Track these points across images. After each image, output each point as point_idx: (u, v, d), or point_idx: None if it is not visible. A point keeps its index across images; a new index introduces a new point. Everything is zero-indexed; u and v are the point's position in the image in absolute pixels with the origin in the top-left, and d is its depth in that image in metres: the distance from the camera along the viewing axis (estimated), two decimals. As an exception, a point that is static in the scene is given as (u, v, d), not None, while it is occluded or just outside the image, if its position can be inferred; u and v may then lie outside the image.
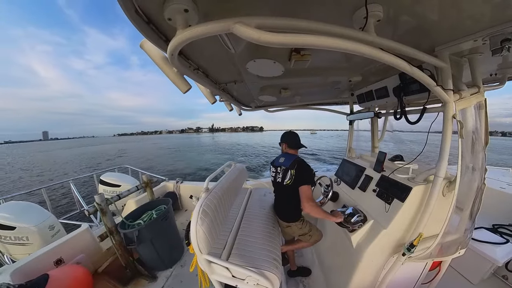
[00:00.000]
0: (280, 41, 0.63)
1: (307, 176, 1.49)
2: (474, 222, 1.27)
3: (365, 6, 0.68)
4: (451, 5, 0.73)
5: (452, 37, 0.95)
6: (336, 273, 1.67)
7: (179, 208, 3.36)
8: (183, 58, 1.14)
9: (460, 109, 1.06)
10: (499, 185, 2.67)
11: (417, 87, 1.26)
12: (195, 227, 1.08)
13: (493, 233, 2.02)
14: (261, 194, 2.34)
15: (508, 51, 0.82)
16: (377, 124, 2.21)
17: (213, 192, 1.35)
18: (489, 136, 1.21)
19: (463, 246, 1.29)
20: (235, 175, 1.95)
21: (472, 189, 1.17)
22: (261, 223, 1.72)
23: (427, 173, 1.21)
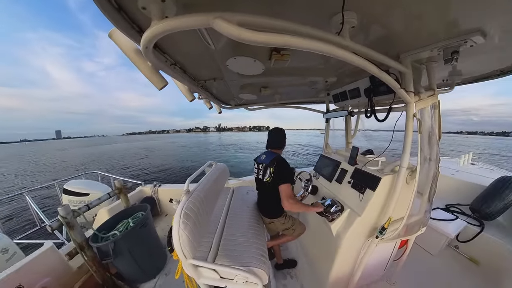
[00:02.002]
0: (261, 40, 0.63)
1: (285, 175, 1.52)
2: (432, 204, 1.48)
3: (342, 13, 0.73)
4: (414, 19, 0.83)
5: (413, 47, 1.08)
6: (320, 261, 1.79)
7: (159, 213, 3.14)
8: (159, 52, 1.06)
9: (419, 109, 1.21)
10: (450, 172, 3.25)
11: (384, 89, 1.39)
12: (177, 231, 1.04)
13: (446, 212, 2.42)
14: (244, 192, 2.34)
15: (456, 61, 0.98)
16: (350, 122, 2.38)
17: (194, 194, 1.31)
18: (441, 132, 1.41)
19: (424, 225, 1.50)
20: (216, 175, 1.91)
21: (429, 176, 1.37)
22: (246, 221, 1.73)
23: (393, 164, 1.38)
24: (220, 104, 2.53)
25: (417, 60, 1.19)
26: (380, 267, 1.76)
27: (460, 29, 0.88)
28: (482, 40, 0.90)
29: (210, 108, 2.37)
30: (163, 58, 1.12)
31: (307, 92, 2.42)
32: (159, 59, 1.01)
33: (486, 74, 1.54)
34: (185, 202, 1.18)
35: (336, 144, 2.51)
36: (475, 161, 4.28)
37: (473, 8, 0.74)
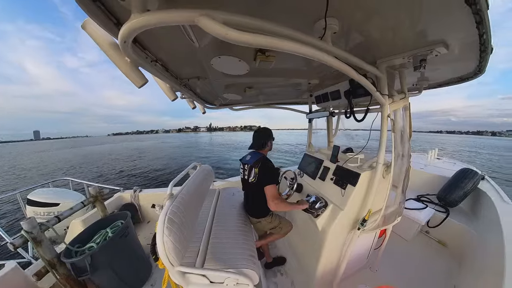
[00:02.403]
0: (248, 41, 0.63)
1: (270, 176, 1.52)
2: (405, 195, 1.64)
3: (325, 19, 0.76)
4: (389, 29, 0.92)
5: (388, 54, 1.18)
6: (308, 255, 1.84)
7: (140, 220, 2.93)
8: (139, 48, 1.00)
9: (393, 110, 1.33)
10: (419, 166, 3.63)
11: (362, 91, 1.48)
12: (162, 238, 0.98)
13: (417, 202, 2.71)
14: (230, 193, 2.32)
15: (424, 68, 1.09)
16: (331, 122, 2.49)
17: (178, 198, 1.25)
18: (412, 131, 1.55)
19: (399, 215, 1.65)
20: (201, 177, 1.86)
21: (402, 171, 1.51)
22: (233, 222, 1.71)
23: (371, 161, 1.48)
24: (204, 104, 2.46)
25: (391, 66, 1.29)
26: (363, 256, 1.88)
27: (428, 40, 0.99)
28: (445, 50, 1.02)
29: (193, 108, 2.30)
30: (143, 54, 1.05)
31: (291, 93, 2.48)
32: (139, 55, 0.95)
33: (447, 80, 1.74)
34: (169, 206, 1.13)
35: (320, 143, 2.61)
36: (440, 156, 4.83)
37: (438, 23, 0.85)
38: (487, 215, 2.15)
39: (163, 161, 19.55)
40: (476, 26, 0.81)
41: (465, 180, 2.68)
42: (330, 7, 0.70)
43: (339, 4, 0.72)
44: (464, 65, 1.36)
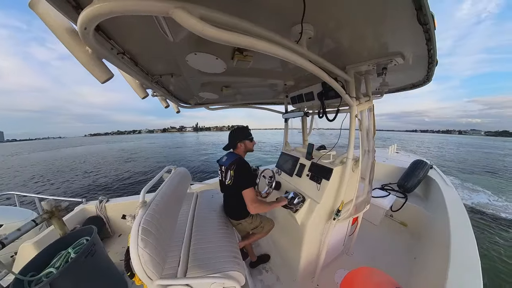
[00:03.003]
0: (225, 39, 0.62)
1: (246, 178, 1.48)
2: (372, 185, 1.85)
3: (301, 24, 0.80)
4: (357, 39, 1.02)
5: (356, 61, 1.31)
6: (291, 249, 1.91)
7: (110, 234, 2.59)
8: (103, 37, 0.89)
9: (360, 111, 1.47)
10: (382, 160, 4.20)
11: (333, 93, 1.61)
12: (136, 252, 0.89)
13: (382, 190, 3.09)
14: (209, 196, 2.25)
15: (385, 75, 1.27)
16: (306, 121, 2.62)
17: (153, 205, 1.16)
18: (375, 129, 1.75)
19: (368, 203, 1.85)
20: (177, 181, 1.76)
21: (368, 164, 1.70)
22: (214, 226, 1.66)
23: (342, 156, 1.61)
24: (178, 103, 2.33)
25: (358, 72, 1.44)
26: (339, 243, 2.05)
27: (389, 51, 1.14)
28: (402, 61, 1.18)
29: (166, 107, 2.16)
30: (108, 44, 0.94)
31: (267, 94, 2.53)
32: (103, 46, 0.85)
33: (403, 86, 2.03)
34: (142, 216, 1.03)
35: (297, 141, 2.74)
36: (398, 150, 5.70)
37: (397, 37, 0.99)
38: (436, 197, 2.58)
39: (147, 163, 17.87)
40: (425, 43, 0.97)
41: (418, 169, 3.21)
42: (307, 13, 0.73)
43: (315, 12, 0.77)
44: (416, 74, 1.59)
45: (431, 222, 2.29)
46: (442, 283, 1.11)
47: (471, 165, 15.67)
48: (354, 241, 2.16)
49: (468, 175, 11.55)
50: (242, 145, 1.63)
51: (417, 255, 2.08)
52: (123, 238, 2.58)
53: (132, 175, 12.55)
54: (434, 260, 1.57)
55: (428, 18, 0.77)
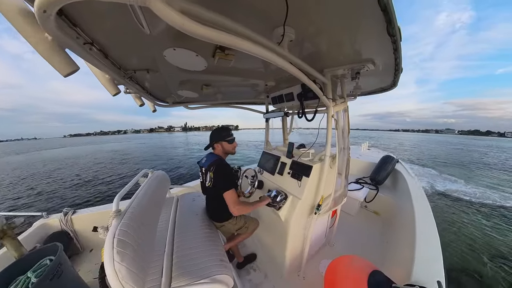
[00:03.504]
0: (207, 36, 0.60)
1: (226, 181, 1.44)
2: (348, 180, 2.00)
3: (283, 26, 0.82)
4: (334, 45, 1.10)
5: (333, 65, 1.41)
6: (276, 246, 1.95)
7: (79, 251, 2.28)
8: (67, 23, 0.78)
9: (336, 111, 1.57)
10: (356, 156, 4.65)
11: (312, 95, 1.68)
12: (112, 267, 0.80)
13: (356, 184, 3.41)
14: (190, 199, 2.16)
15: (358, 79, 1.39)
16: (286, 121, 2.70)
17: (128, 213, 1.06)
18: (350, 129, 1.90)
19: (345, 196, 1.98)
20: (154, 185, 1.65)
21: (344, 161, 1.84)
22: (197, 230, 1.61)
23: (320, 154, 1.70)
24: (154, 101, 2.19)
25: (335, 75, 1.54)
26: (321, 236, 2.18)
27: (362, 58, 1.25)
28: (373, 67, 1.31)
29: (141, 105, 2.02)
30: (73, 32, 0.83)
31: (248, 93, 2.53)
32: (67, 34, 0.75)
33: (374, 90, 2.24)
34: (117, 226, 0.94)
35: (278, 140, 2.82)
36: (370, 147, 6.37)
37: (369, 46, 1.09)
38: (402, 187, 2.95)
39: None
40: (393, 52, 1.08)
41: (387, 164, 3.64)
42: (289, 17, 0.76)
43: (297, 16, 0.80)
44: (385, 80, 1.78)
45: (399, 209, 2.59)
46: (411, 260, 1.27)
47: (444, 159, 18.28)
48: (335, 232, 2.32)
49: (443, 168, 13.42)
50: (219, 146, 1.59)
51: (389, 239, 2.33)
52: (96, 253, 2.29)
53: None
54: (403, 242, 1.77)
55: (396, 30, 0.87)
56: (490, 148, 36.14)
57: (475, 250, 3.87)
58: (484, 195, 7.28)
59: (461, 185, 8.74)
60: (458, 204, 6.36)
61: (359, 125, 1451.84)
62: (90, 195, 8.42)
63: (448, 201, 6.66)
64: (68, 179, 11.62)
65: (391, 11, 0.74)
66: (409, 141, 55.42)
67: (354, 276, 1.14)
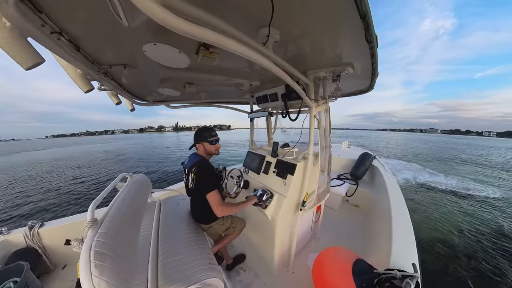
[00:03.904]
0: (190, 32, 0.58)
1: (208, 182, 1.40)
2: (330, 176, 2.11)
3: (269, 27, 0.83)
4: (317, 48, 1.15)
5: (315, 67, 1.46)
6: (264, 245, 1.97)
7: (50, 269, 1.97)
8: (31, 9, 0.69)
9: (318, 112, 1.64)
10: (337, 153, 4.92)
11: (295, 95, 1.73)
12: (90, 282, 0.73)
13: (338, 180, 3.62)
14: (174, 203, 2.08)
15: (339, 81, 1.47)
16: (270, 121, 2.73)
17: (106, 222, 0.98)
18: (331, 128, 2.00)
19: (328, 192, 2.08)
20: (134, 190, 1.55)
21: (326, 158, 1.93)
22: (183, 234, 1.55)
23: (304, 153, 1.76)
24: (132, 99, 2.05)
25: (317, 77, 1.61)
26: (307, 231, 2.26)
27: (342, 61, 1.33)
28: (352, 71, 1.40)
29: (117, 103, 1.88)
30: (38, 20, 0.73)
31: (233, 93, 2.52)
32: (30, 21, 0.67)
33: (353, 92, 2.39)
34: (94, 237, 0.86)
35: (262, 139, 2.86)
36: (350, 145, 6.80)
37: (349, 50, 1.17)
38: (379, 181, 3.20)
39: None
40: (370, 58, 1.16)
41: (365, 160, 3.95)
42: (275, 18, 0.77)
43: (282, 18, 0.82)
44: (362, 82, 1.90)
45: (377, 201, 2.81)
46: (389, 247, 1.38)
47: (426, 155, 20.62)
48: (320, 226, 2.43)
49: (425, 162, 15.20)
50: (201, 147, 1.55)
51: (369, 230, 2.51)
52: (70, 269, 2.03)
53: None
54: (382, 231, 1.90)
55: (373, 38, 0.94)
56: (467, 146, 40.39)
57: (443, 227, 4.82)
58: (457, 185, 8.67)
59: (440, 177, 10.11)
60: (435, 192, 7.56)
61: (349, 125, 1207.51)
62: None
63: (426, 190, 7.83)
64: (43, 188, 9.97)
65: (369, 20, 0.80)
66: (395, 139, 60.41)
67: (339, 266, 1.22)
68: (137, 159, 18.41)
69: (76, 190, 9.01)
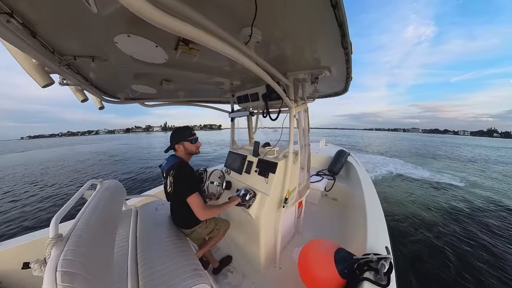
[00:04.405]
0: (169, 26, 0.54)
1: (187, 185, 1.35)
2: (309, 173, 2.21)
3: (251, 27, 0.84)
4: (297, 51, 1.20)
5: (295, 69, 1.53)
6: (250, 244, 1.97)
7: None
8: None
9: (297, 112, 1.71)
10: (315, 151, 5.28)
11: (276, 95, 1.77)
12: None
13: (317, 176, 3.87)
14: (152, 209, 1.94)
15: (317, 83, 1.55)
16: (251, 120, 2.75)
17: (74, 237, 0.86)
18: (309, 127, 2.09)
19: (308, 188, 2.17)
20: (106, 198, 1.42)
21: (306, 156, 2.01)
22: (164, 242, 1.46)
23: (284, 151, 1.83)
24: (101, 96, 1.86)
25: (297, 79, 1.68)
26: (291, 226, 2.34)
27: (320, 65, 1.41)
28: (329, 74, 1.50)
29: (83, 100, 1.69)
30: None
31: (213, 92, 2.47)
32: None
33: (329, 93, 2.55)
34: (59, 255, 0.73)
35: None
36: (327, 143, 7.32)
37: (327, 55, 1.24)
38: (353, 176, 3.49)
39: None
40: (345, 63, 1.25)
41: (341, 157, 4.30)
42: (257, 19, 0.78)
43: (265, 19, 0.83)
44: (338, 85, 2.05)
45: (352, 194, 3.07)
46: (365, 235, 1.51)
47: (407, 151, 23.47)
48: (302, 221, 2.54)
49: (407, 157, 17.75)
50: (181, 147, 1.48)
51: (347, 220, 2.71)
52: None
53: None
54: (358, 221, 2.06)
55: (348, 44, 1.02)
56: (443, 143, 45.04)
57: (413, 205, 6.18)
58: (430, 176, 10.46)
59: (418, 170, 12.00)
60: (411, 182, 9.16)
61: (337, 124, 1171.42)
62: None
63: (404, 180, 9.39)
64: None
65: (345, 28, 0.87)
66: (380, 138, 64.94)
67: (323, 256, 1.30)
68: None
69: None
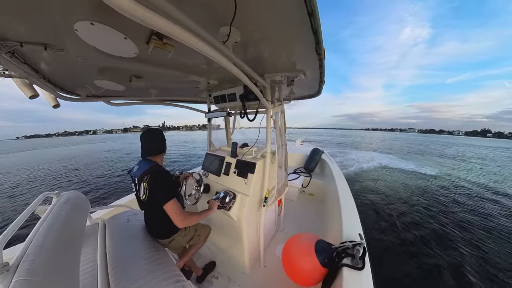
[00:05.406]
0: (141, 17, 0.49)
1: (164, 191, 1.27)
2: (287, 172, 2.31)
3: (230, 26, 0.84)
4: (274, 54, 1.25)
5: (272, 71, 1.58)
6: (233, 247, 1.94)
7: None
8: None
9: (274, 113, 1.77)
10: (292, 150, 5.59)
11: (253, 96, 1.79)
12: None
13: (294, 174, 4.14)
14: (123, 221, 1.74)
15: (292, 86, 1.64)
16: (229, 121, 2.73)
17: (25, 264, 0.74)
18: (286, 127, 2.19)
19: (286, 186, 2.26)
20: (65, 213, 1.22)
21: (283, 155, 2.09)
22: (140, 255, 1.32)
23: (262, 151, 1.87)
24: (56, 92, 1.57)
25: (274, 80, 1.73)
26: (272, 224, 2.40)
27: (296, 68, 1.48)
28: (304, 77, 1.59)
29: (32, 96, 1.41)
30: None
31: (189, 91, 2.38)
32: None
33: (304, 95, 2.70)
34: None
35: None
36: (303, 142, 7.79)
37: (302, 59, 1.32)
38: (327, 172, 3.82)
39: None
40: (319, 67, 1.34)
41: (315, 155, 4.67)
42: (236, 19, 0.78)
43: (244, 20, 0.84)
44: (312, 88, 2.18)
45: (327, 189, 3.34)
46: (340, 224, 1.62)
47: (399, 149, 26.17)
48: (283, 218, 2.63)
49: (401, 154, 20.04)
50: (162, 156, 1.47)
51: (324, 213, 2.91)
52: None
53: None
54: (334, 213, 2.20)
55: (322, 51, 1.11)
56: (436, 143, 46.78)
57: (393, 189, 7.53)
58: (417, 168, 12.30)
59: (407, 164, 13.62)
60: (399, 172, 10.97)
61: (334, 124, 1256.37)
62: None
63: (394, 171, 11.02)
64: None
65: (319, 35, 0.94)
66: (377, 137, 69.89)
67: (304, 249, 1.37)
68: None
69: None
